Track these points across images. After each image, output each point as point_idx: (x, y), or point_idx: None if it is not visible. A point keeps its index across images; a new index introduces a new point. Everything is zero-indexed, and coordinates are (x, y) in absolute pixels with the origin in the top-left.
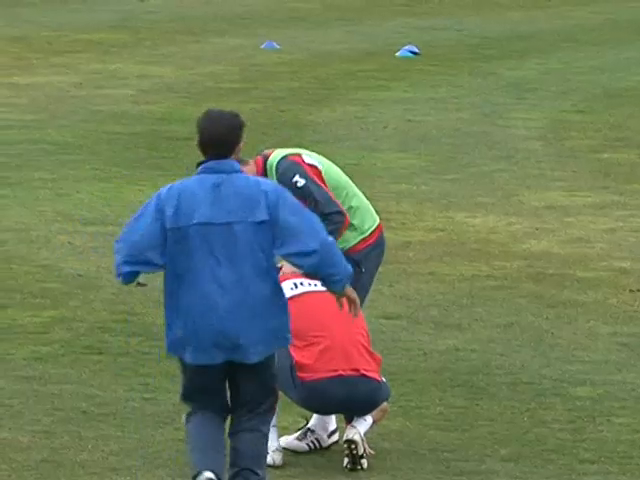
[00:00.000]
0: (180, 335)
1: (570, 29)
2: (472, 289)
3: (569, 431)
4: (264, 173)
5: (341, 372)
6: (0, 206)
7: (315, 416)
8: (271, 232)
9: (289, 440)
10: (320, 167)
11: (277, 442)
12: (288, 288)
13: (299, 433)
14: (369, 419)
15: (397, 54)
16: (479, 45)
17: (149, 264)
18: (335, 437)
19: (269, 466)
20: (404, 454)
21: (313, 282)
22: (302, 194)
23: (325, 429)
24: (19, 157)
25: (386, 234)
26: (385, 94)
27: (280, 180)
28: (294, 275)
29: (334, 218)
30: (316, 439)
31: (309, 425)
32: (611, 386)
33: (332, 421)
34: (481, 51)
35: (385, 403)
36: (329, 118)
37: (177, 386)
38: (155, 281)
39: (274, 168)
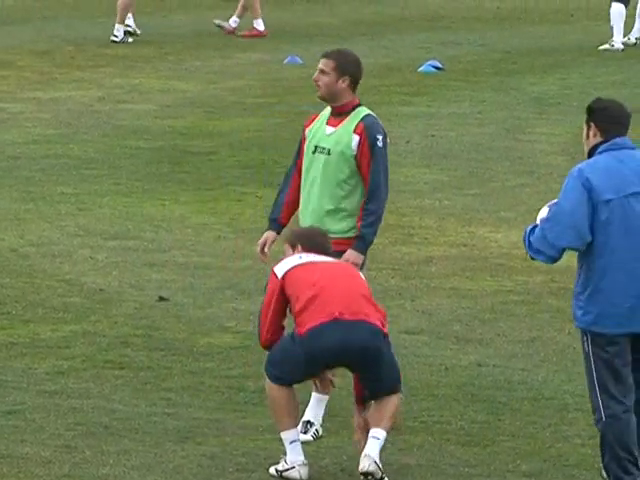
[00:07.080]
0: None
1: (593, 44)
2: (494, 304)
3: (591, 446)
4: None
5: (337, 315)
6: (23, 220)
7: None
8: None
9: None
10: None
11: (301, 456)
12: (295, 259)
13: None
14: (381, 435)
15: (420, 69)
16: (502, 60)
17: None
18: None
19: None
20: (425, 469)
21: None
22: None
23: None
24: (42, 172)
25: (408, 249)
26: (408, 109)
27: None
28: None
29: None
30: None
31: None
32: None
33: None
34: (504, 66)
35: (395, 403)
36: None
37: (198, 401)
38: (176, 296)
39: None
